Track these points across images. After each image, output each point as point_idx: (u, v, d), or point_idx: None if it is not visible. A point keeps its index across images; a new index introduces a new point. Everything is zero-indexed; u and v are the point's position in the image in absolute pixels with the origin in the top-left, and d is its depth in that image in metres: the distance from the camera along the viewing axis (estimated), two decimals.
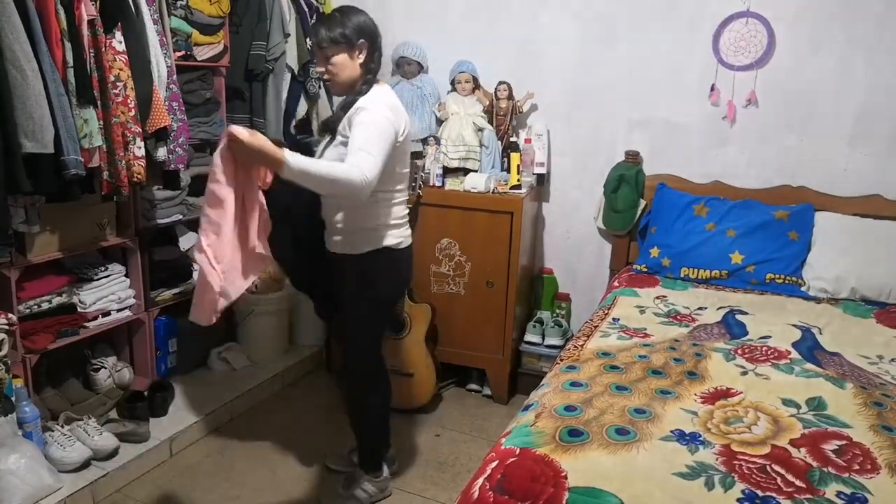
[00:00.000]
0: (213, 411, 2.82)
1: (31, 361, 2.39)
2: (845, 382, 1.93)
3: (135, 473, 2.47)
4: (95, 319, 2.62)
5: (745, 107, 2.96)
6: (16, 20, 1.93)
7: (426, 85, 3.27)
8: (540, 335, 3.17)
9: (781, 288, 2.71)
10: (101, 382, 2.72)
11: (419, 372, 2.95)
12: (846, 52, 2.79)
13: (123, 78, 2.27)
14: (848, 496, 1.41)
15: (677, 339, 2.24)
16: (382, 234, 2.11)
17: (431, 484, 2.52)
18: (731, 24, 2.90)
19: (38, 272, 2.45)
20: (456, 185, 3.03)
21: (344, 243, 2.13)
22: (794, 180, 2.94)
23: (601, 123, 3.19)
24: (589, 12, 3.11)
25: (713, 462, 1.51)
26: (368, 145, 1.89)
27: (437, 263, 3.07)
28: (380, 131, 1.93)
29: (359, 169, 1.83)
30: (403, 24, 3.40)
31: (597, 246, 3.31)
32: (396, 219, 2.13)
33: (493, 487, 1.45)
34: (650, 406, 1.75)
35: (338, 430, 2.86)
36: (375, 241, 2.11)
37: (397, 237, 2.14)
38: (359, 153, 1.87)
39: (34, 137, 1.98)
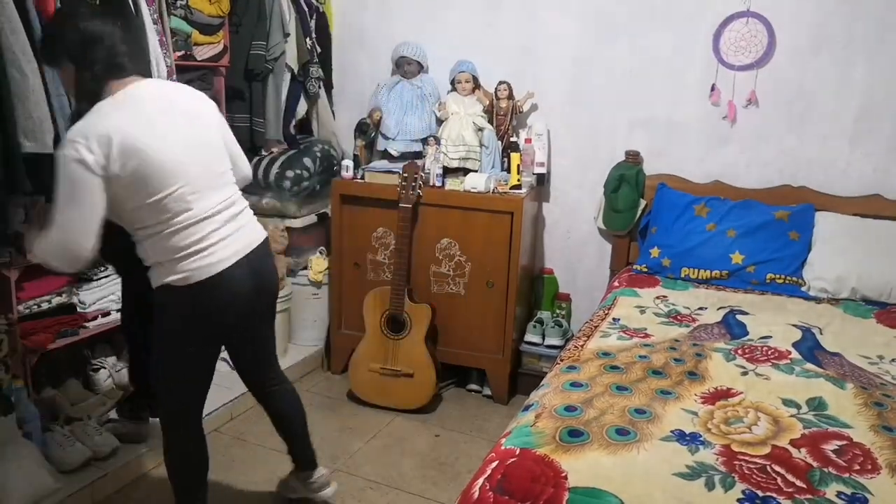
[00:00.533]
0: (213, 411, 2.81)
1: (31, 361, 2.39)
2: (846, 383, 1.93)
3: (135, 473, 2.47)
4: (95, 319, 2.61)
5: (746, 107, 2.96)
6: (16, 20, 1.93)
7: (426, 85, 3.27)
8: (540, 335, 3.17)
9: (782, 288, 2.71)
10: (100, 382, 2.72)
11: (419, 372, 2.95)
12: (846, 52, 2.79)
13: None
14: (848, 496, 1.41)
15: (677, 339, 2.24)
16: (160, 272, 1.79)
17: (431, 484, 2.52)
18: (732, 24, 2.90)
19: (37, 272, 2.44)
20: (456, 185, 3.03)
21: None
22: (795, 180, 2.94)
23: (601, 123, 3.19)
24: (589, 12, 3.11)
25: (713, 462, 1.51)
26: (53, 208, 1.65)
27: (437, 263, 3.07)
28: (62, 183, 1.64)
29: (41, 242, 1.69)
30: (403, 24, 3.40)
31: (597, 246, 3.31)
32: (171, 253, 1.75)
33: (493, 488, 1.45)
34: (650, 406, 1.75)
35: (338, 431, 2.86)
36: (155, 277, 1.80)
37: (181, 272, 1.76)
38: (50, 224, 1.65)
39: (34, 137, 1.98)
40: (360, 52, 3.54)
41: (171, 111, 1.79)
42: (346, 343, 3.25)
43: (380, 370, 2.97)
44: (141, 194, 1.70)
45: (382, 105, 3.26)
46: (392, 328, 2.96)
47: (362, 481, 2.52)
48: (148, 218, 1.74)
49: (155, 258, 1.78)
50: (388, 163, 3.22)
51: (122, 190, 1.69)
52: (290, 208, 3.26)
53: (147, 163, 1.68)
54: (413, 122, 3.23)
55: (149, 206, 1.72)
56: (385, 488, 2.48)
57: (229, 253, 1.82)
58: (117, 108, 1.71)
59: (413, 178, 2.92)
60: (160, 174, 1.70)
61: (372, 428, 2.88)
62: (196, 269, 1.77)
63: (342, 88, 3.58)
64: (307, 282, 3.38)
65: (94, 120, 1.68)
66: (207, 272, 1.77)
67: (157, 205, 1.72)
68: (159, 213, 1.73)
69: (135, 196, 1.70)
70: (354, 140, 3.24)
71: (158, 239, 1.75)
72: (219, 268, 1.79)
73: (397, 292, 2.92)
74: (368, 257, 3.17)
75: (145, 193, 1.70)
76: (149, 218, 1.74)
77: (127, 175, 1.67)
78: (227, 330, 1.91)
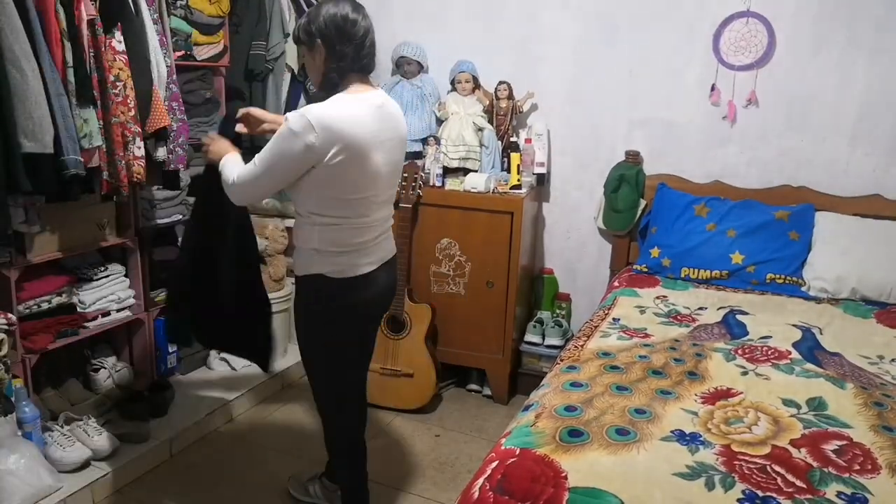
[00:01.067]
0: (213, 411, 2.82)
1: (30, 361, 2.39)
2: (846, 383, 1.93)
3: (135, 473, 2.47)
4: (95, 319, 2.62)
5: (746, 107, 2.96)
6: (16, 20, 1.93)
7: (426, 85, 3.27)
8: (540, 335, 3.17)
9: (782, 288, 2.71)
10: (100, 382, 2.72)
11: (419, 372, 2.95)
12: (846, 52, 2.79)
13: (123, 78, 2.27)
14: (848, 496, 1.41)
15: (677, 339, 2.24)
16: (315, 260, 1.89)
17: (431, 484, 2.52)
18: (732, 24, 2.90)
19: (37, 272, 2.45)
20: (456, 185, 3.03)
21: (294, 263, 2.00)
22: (795, 180, 2.94)
23: (601, 123, 3.19)
24: (589, 12, 3.11)
25: (713, 462, 1.51)
26: (259, 156, 1.80)
27: (437, 263, 3.07)
28: (277, 145, 1.77)
29: (236, 173, 1.86)
30: (403, 24, 3.40)
31: (597, 246, 3.31)
32: (336, 246, 1.88)
33: (493, 488, 1.45)
34: (650, 406, 1.75)
35: None
36: (308, 265, 1.91)
37: (332, 265, 1.88)
38: (253, 160, 1.84)
39: (34, 137, 1.98)
40: None
41: (389, 128, 1.89)
42: None
43: (380, 370, 2.97)
44: (338, 188, 1.82)
45: None
46: (392, 328, 2.96)
47: None
48: (333, 209, 1.85)
49: (318, 246, 1.88)
50: None
51: (323, 177, 1.79)
52: (290, 208, 3.26)
53: (357, 164, 1.80)
54: (413, 122, 3.23)
55: (340, 199, 1.83)
56: (385, 488, 2.48)
57: (376, 258, 1.96)
58: (352, 106, 1.81)
59: (413, 178, 2.92)
60: (362, 178, 1.83)
61: (372, 428, 2.87)
62: (351, 265, 1.90)
63: None
64: None
65: (331, 110, 1.76)
66: (360, 270, 1.91)
67: (347, 202, 1.84)
68: (345, 208, 1.85)
69: (332, 187, 1.81)
70: None
71: (331, 230, 1.86)
72: (369, 269, 1.93)
73: (397, 292, 2.91)
74: None
75: (342, 189, 1.82)
76: (333, 210, 1.85)
77: (335, 167, 1.77)
78: (365, 322, 2.05)
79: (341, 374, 2.03)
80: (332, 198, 1.84)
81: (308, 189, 1.83)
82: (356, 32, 1.83)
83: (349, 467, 2.14)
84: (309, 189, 1.82)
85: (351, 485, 2.15)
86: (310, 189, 1.82)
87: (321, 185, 1.81)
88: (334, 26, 1.81)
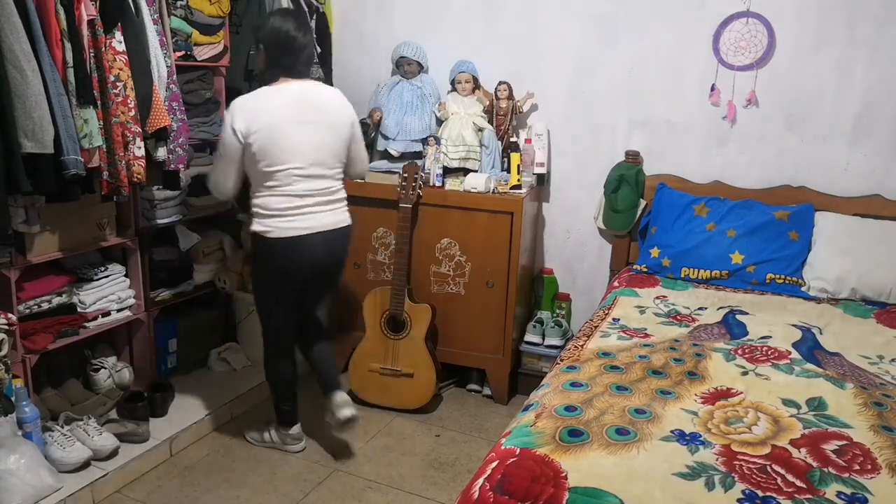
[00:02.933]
0: (213, 411, 2.82)
1: (31, 361, 2.39)
2: (845, 383, 1.93)
3: (135, 473, 2.47)
4: (95, 319, 2.62)
5: (745, 107, 2.96)
6: (16, 20, 1.93)
7: (426, 85, 3.27)
8: (540, 335, 3.17)
9: (782, 288, 2.71)
10: (101, 382, 2.72)
11: (419, 372, 2.95)
12: (846, 52, 2.79)
13: (123, 78, 2.27)
14: (848, 496, 1.41)
15: (677, 339, 2.24)
16: (255, 221, 2.38)
17: (431, 484, 2.52)
18: (731, 24, 2.90)
19: (38, 272, 2.45)
20: (456, 185, 3.03)
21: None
22: (794, 180, 2.94)
23: (601, 123, 3.19)
24: (589, 12, 3.11)
25: (713, 462, 1.51)
26: (215, 157, 2.40)
27: (437, 263, 3.07)
28: (220, 135, 2.36)
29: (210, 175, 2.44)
30: (403, 24, 3.41)
31: (597, 246, 3.31)
32: (268, 210, 2.34)
33: (493, 487, 1.45)
34: (650, 406, 1.75)
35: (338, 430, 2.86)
36: (253, 224, 2.39)
37: (266, 226, 2.35)
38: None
39: (34, 137, 1.98)
40: (360, 52, 3.55)
41: (311, 112, 2.35)
42: (346, 343, 3.25)
43: (380, 370, 2.97)
44: (262, 162, 2.29)
45: (382, 105, 3.26)
46: (392, 328, 2.96)
47: (362, 481, 2.52)
48: (262, 179, 2.33)
49: (255, 209, 2.37)
50: (388, 163, 3.22)
51: (251, 153, 2.29)
52: None
53: (274, 142, 2.27)
54: (413, 123, 3.23)
55: (264, 172, 2.30)
56: (385, 488, 2.48)
57: (307, 226, 2.36)
58: (270, 95, 2.33)
59: (413, 178, 2.92)
60: (282, 154, 2.29)
61: (372, 428, 2.88)
62: (280, 228, 2.34)
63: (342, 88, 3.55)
64: None
65: (249, 100, 2.33)
66: (287, 233, 2.34)
67: (271, 174, 2.31)
68: (270, 179, 2.31)
69: (257, 161, 2.29)
70: None
71: (262, 197, 2.34)
72: (298, 233, 2.35)
73: (397, 292, 2.92)
74: (368, 257, 3.17)
75: (265, 162, 2.29)
76: (262, 179, 2.33)
77: (255, 145, 2.27)
78: (290, 276, 2.44)
79: (269, 310, 2.52)
80: (259, 171, 2.31)
81: (247, 165, 2.33)
82: (295, 47, 2.32)
83: (279, 390, 2.62)
84: (247, 165, 2.33)
85: (281, 404, 2.63)
86: (248, 165, 2.33)
87: (251, 161, 2.31)
88: (275, 39, 2.32)
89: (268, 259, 2.41)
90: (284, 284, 2.46)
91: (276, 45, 2.32)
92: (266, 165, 2.29)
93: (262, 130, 2.26)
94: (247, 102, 2.31)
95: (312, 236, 2.37)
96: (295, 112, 2.31)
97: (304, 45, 2.35)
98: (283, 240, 2.35)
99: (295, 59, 2.34)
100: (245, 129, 2.26)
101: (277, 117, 2.28)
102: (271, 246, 2.36)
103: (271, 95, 2.32)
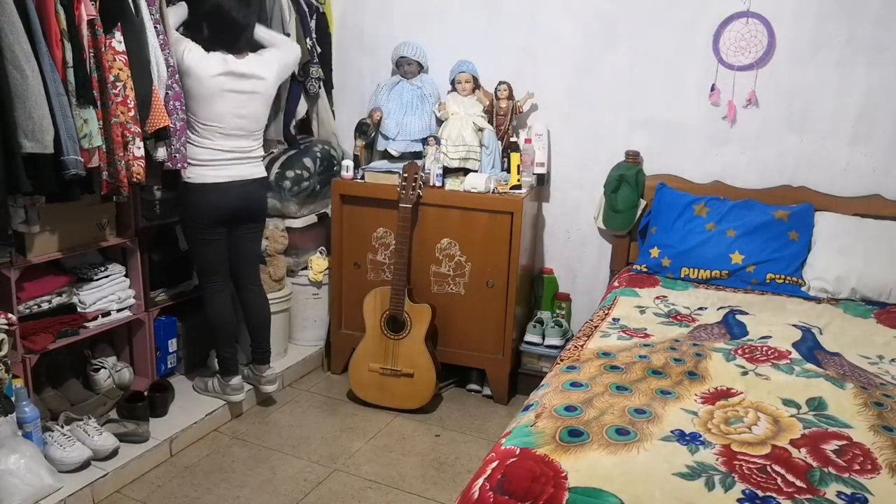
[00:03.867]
0: (213, 411, 2.82)
1: (31, 361, 2.39)
2: (845, 383, 1.93)
3: (135, 473, 2.47)
4: (95, 319, 2.62)
5: (745, 107, 2.96)
6: (16, 20, 1.93)
7: (426, 85, 3.27)
8: (540, 335, 3.16)
9: (782, 288, 2.71)
10: (101, 382, 2.72)
11: (419, 372, 2.95)
12: (846, 52, 2.79)
13: (123, 78, 2.27)
14: (848, 496, 1.41)
15: (677, 339, 2.24)
16: (189, 171, 2.64)
17: (431, 484, 2.52)
18: (731, 24, 2.90)
19: (38, 272, 2.45)
20: (456, 185, 3.03)
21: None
22: (794, 180, 2.94)
23: (601, 123, 3.19)
24: (589, 12, 3.11)
25: (713, 462, 1.51)
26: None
27: (437, 263, 3.07)
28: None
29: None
30: (403, 24, 3.40)
31: (597, 246, 3.31)
32: (192, 157, 2.62)
33: (493, 487, 1.45)
34: (650, 406, 1.75)
35: (338, 431, 2.86)
36: (185, 174, 2.63)
37: (190, 173, 2.63)
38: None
39: (34, 137, 1.98)
40: (360, 52, 3.55)
41: (236, 78, 2.63)
42: (346, 343, 3.26)
43: (380, 370, 2.98)
44: (189, 104, 2.59)
45: (382, 105, 3.26)
46: (392, 328, 2.96)
47: (362, 481, 2.52)
48: (190, 123, 2.62)
49: (190, 159, 2.63)
50: (388, 163, 3.22)
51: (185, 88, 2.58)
52: (290, 208, 3.26)
53: (199, 91, 2.59)
54: (413, 123, 3.23)
55: (192, 116, 2.61)
56: (385, 488, 2.48)
57: (227, 174, 2.69)
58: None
59: (413, 179, 2.92)
60: (205, 108, 2.61)
61: (372, 428, 2.89)
62: (204, 175, 2.64)
63: (342, 88, 3.58)
64: (307, 282, 3.38)
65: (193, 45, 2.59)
66: (209, 180, 2.65)
67: (192, 121, 2.61)
68: (193, 125, 2.62)
69: (187, 100, 2.59)
70: (354, 140, 3.24)
71: (189, 146, 2.62)
72: (217, 181, 2.66)
73: (397, 292, 2.92)
74: (368, 257, 3.17)
75: (191, 105, 2.60)
76: (191, 123, 2.62)
77: (186, 83, 2.57)
78: (212, 217, 2.71)
79: (199, 251, 2.78)
80: (194, 112, 2.63)
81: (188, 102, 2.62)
82: (232, 22, 2.59)
83: (218, 333, 2.85)
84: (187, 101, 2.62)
85: (221, 350, 2.85)
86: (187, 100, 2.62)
87: (188, 98, 2.61)
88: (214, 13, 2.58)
89: (188, 203, 2.71)
90: (205, 226, 2.74)
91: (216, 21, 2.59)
92: (202, 109, 2.61)
93: (189, 60, 2.56)
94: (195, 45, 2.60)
95: (230, 183, 2.71)
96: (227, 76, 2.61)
97: (245, 26, 2.65)
98: (203, 185, 2.67)
99: (236, 37, 2.62)
100: (182, 55, 2.56)
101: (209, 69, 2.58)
102: (191, 192, 2.67)
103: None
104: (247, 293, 2.94)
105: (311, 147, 3.33)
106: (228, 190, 2.69)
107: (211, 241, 2.75)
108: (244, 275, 2.92)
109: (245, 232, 2.86)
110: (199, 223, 2.71)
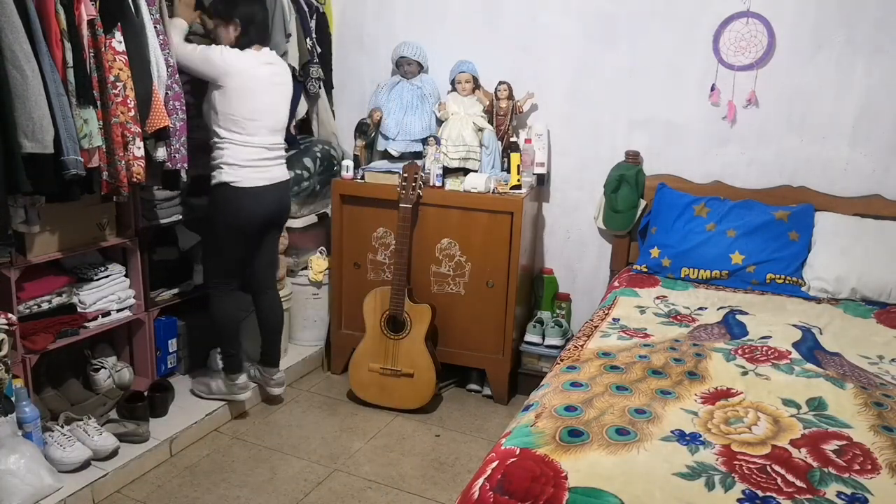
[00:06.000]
0: (213, 411, 2.82)
1: (31, 361, 2.39)
2: (845, 383, 1.93)
3: (135, 473, 2.47)
4: (95, 319, 2.62)
5: (745, 107, 2.96)
6: (16, 20, 1.93)
7: (426, 85, 3.27)
8: (540, 335, 3.16)
9: (782, 288, 2.71)
10: (101, 382, 2.72)
11: (419, 372, 2.95)
12: (846, 52, 2.79)
13: (123, 78, 2.26)
14: (848, 496, 1.41)
15: (677, 339, 2.24)
16: (224, 172, 2.63)
17: (431, 484, 2.52)
18: (731, 24, 2.90)
19: (38, 272, 2.45)
20: (456, 185, 3.03)
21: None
22: (794, 180, 2.94)
23: (601, 123, 3.19)
24: (589, 12, 3.11)
25: (713, 462, 1.51)
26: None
27: (437, 263, 3.07)
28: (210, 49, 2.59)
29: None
30: (403, 24, 3.41)
31: (597, 246, 3.31)
32: (235, 160, 2.61)
33: (493, 487, 1.45)
34: (650, 406, 1.75)
35: (338, 431, 2.86)
36: (218, 175, 2.64)
37: (234, 176, 2.62)
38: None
39: (34, 137, 1.98)
40: (360, 52, 3.55)
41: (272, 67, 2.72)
42: (346, 343, 3.26)
43: (380, 370, 2.98)
44: (232, 105, 2.58)
45: (382, 105, 3.26)
46: (392, 328, 2.96)
47: (362, 481, 2.52)
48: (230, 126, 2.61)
49: (221, 160, 2.63)
50: (388, 163, 3.22)
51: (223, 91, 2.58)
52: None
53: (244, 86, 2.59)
54: (413, 123, 3.23)
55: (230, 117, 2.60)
56: (385, 488, 2.48)
57: (268, 176, 2.70)
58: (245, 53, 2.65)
59: (413, 179, 2.92)
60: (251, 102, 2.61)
61: (372, 428, 2.89)
62: (247, 178, 2.64)
63: (342, 88, 3.58)
64: (307, 282, 3.38)
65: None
66: (249, 183, 2.64)
67: (233, 121, 2.60)
68: (237, 126, 2.60)
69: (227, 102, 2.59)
70: (354, 140, 3.24)
71: (232, 147, 2.62)
72: (255, 184, 2.66)
73: (397, 292, 2.92)
74: (368, 257, 3.17)
75: (235, 106, 2.59)
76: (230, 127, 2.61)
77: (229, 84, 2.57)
78: (249, 228, 2.72)
79: (220, 253, 2.75)
80: (225, 114, 2.62)
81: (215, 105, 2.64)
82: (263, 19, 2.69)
83: (223, 331, 2.82)
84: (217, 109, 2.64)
85: (227, 347, 2.83)
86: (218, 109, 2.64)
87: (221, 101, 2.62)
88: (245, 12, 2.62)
89: (228, 207, 2.69)
90: (239, 231, 2.73)
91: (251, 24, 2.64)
92: (234, 112, 2.60)
93: (231, 70, 2.57)
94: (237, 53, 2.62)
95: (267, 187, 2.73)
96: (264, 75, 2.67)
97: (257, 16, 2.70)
98: (246, 189, 2.67)
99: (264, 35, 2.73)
100: (225, 63, 2.57)
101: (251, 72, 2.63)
102: (235, 195, 2.67)
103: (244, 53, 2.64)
104: (264, 296, 2.93)
105: (311, 147, 3.33)
106: (264, 194, 2.68)
107: (237, 246, 2.75)
108: (264, 277, 2.91)
109: (270, 236, 2.87)
110: (232, 227, 2.68)
